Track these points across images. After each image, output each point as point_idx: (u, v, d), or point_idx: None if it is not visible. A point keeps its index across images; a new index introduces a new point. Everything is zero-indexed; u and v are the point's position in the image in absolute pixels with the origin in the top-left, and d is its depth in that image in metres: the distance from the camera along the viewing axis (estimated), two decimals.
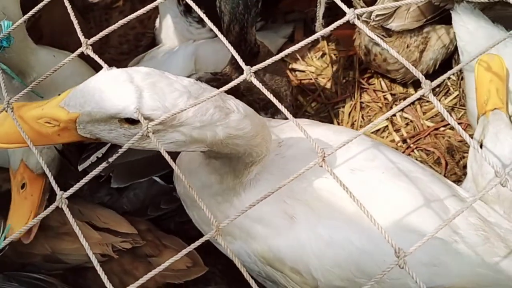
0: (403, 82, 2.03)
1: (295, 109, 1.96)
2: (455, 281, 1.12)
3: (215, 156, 1.07)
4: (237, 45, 1.45)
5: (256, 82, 0.77)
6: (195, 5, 0.90)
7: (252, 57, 1.52)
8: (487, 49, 0.76)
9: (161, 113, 0.83)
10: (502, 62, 1.41)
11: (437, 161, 1.91)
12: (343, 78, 2.14)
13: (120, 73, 0.86)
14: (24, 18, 0.97)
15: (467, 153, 1.60)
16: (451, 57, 1.91)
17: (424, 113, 2.02)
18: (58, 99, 0.88)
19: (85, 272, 1.49)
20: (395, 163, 1.20)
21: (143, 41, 2.00)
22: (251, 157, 1.06)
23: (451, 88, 2.05)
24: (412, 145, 1.96)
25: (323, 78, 2.15)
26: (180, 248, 1.48)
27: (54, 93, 0.92)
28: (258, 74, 1.59)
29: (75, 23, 0.90)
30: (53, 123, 0.88)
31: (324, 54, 2.20)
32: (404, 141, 1.98)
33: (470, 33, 1.57)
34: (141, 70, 0.88)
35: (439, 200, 1.15)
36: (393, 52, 0.76)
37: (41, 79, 0.92)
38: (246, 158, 1.06)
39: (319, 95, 2.11)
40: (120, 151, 0.80)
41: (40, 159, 0.83)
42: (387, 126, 2.02)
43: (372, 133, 2.00)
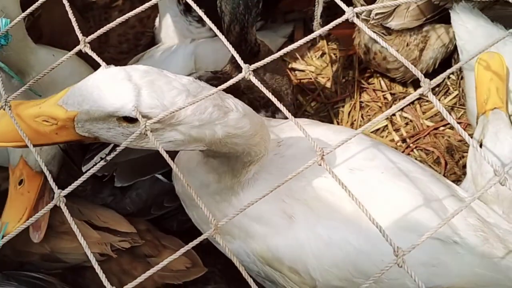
0: (403, 82, 2.03)
1: (295, 108, 1.96)
2: (454, 281, 1.12)
3: (214, 155, 1.07)
4: (237, 45, 1.44)
5: (254, 80, 0.77)
6: (195, 4, 0.89)
7: (253, 56, 1.52)
8: (486, 47, 0.76)
9: (159, 111, 0.83)
10: (502, 61, 1.40)
11: (437, 161, 1.91)
12: (343, 77, 2.14)
13: (118, 71, 0.86)
14: (22, 16, 0.97)
15: (467, 152, 1.60)
16: (450, 56, 1.91)
17: (423, 113, 2.02)
18: (56, 97, 0.88)
19: (84, 272, 1.48)
20: (394, 162, 1.20)
21: (143, 40, 1.99)
22: (249, 156, 1.06)
23: (450, 87, 2.05)
24: (411, 145, 1.96)
25: (323, 77, 2.15)
26: (179, 248, 1.48)
27: (53, 93, 0.91)
28: (258, 73, 1.59)
29: (73, 20, 0.90)
30: (51, 122, 0.87)
31: (323, 54, 2.20)
32: (404, 140, 1.98)
33: (469, 32, 1.57)
34: (139, 68, 0.87)
35: (438, 200, 1.15)
36: (392, 50, 0.76)
37: (39, 77, 0.91)
38: (245, 158, 1.06)
39: (318, 95, 2.11)
40: (118, 149, 0.80)
41: (38, 158, 0.83)
42: (386, 125, 2.01)
43: (371, 132, 2.00)
